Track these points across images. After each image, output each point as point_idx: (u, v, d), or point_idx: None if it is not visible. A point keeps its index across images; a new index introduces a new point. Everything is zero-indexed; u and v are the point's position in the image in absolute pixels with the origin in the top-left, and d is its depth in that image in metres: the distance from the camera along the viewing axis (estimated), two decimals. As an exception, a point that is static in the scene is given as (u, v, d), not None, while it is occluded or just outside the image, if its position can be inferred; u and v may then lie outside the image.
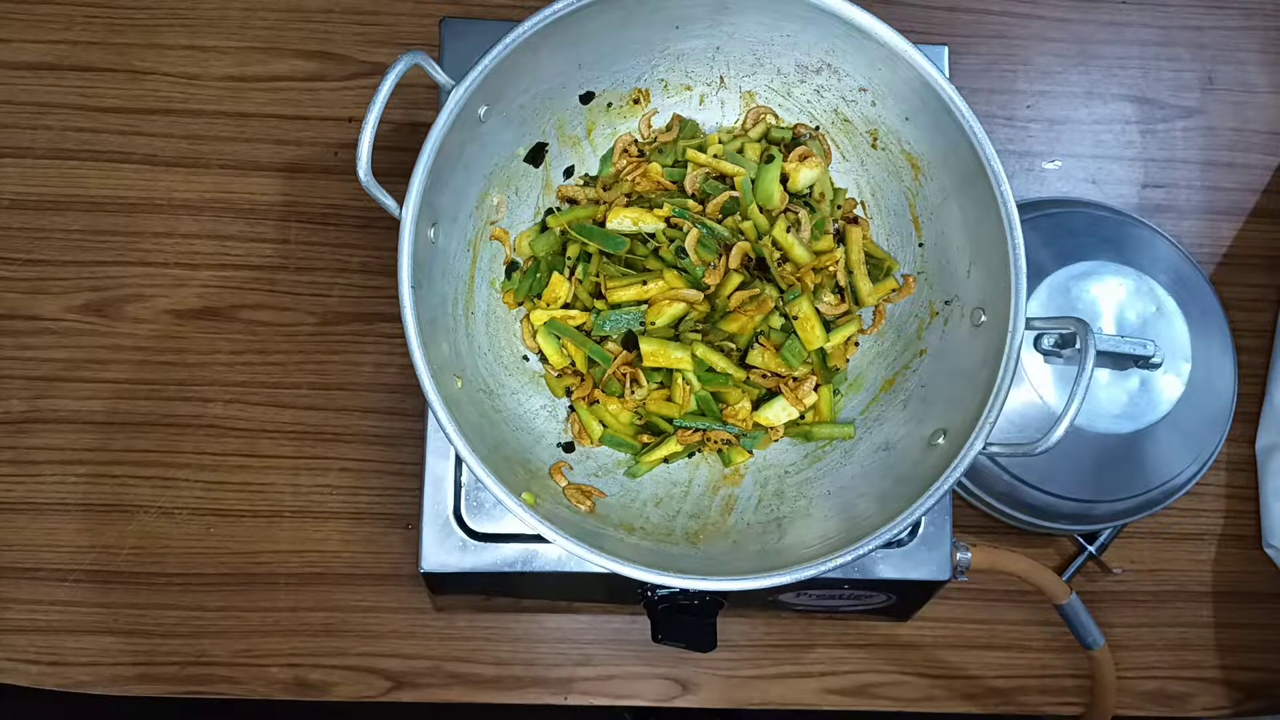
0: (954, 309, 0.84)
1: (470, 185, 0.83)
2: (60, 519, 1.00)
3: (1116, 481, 1.00)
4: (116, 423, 1.02)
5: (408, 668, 1.02)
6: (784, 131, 0.88)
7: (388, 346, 1.04)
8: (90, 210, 1.04)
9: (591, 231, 0.85)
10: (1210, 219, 1.14)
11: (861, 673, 1.05)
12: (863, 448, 0.85)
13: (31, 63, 1.06)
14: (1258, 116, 1.16)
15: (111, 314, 1.03)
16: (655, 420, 0.86)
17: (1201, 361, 1.00)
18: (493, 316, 0.86)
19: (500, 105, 0.80)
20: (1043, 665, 1.07)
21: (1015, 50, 1.15)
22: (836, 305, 0.87)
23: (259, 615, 1.01)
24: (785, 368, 0.85)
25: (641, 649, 1.04)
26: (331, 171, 1.06)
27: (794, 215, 0.86)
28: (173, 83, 1.07)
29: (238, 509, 1.02)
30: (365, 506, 1.02)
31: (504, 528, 0.85)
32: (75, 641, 1.00)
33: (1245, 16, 1.17)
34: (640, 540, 0.81)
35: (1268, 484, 1.09)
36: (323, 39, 1.08)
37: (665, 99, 0.89)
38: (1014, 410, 0.97)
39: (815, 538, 0.79)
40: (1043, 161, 1.14)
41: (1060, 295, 0.99)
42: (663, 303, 0.84)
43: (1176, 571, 1.09)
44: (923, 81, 0.80)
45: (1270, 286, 1.14)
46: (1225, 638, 1.09)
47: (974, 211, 0.81)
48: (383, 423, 1.03)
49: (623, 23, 0.82)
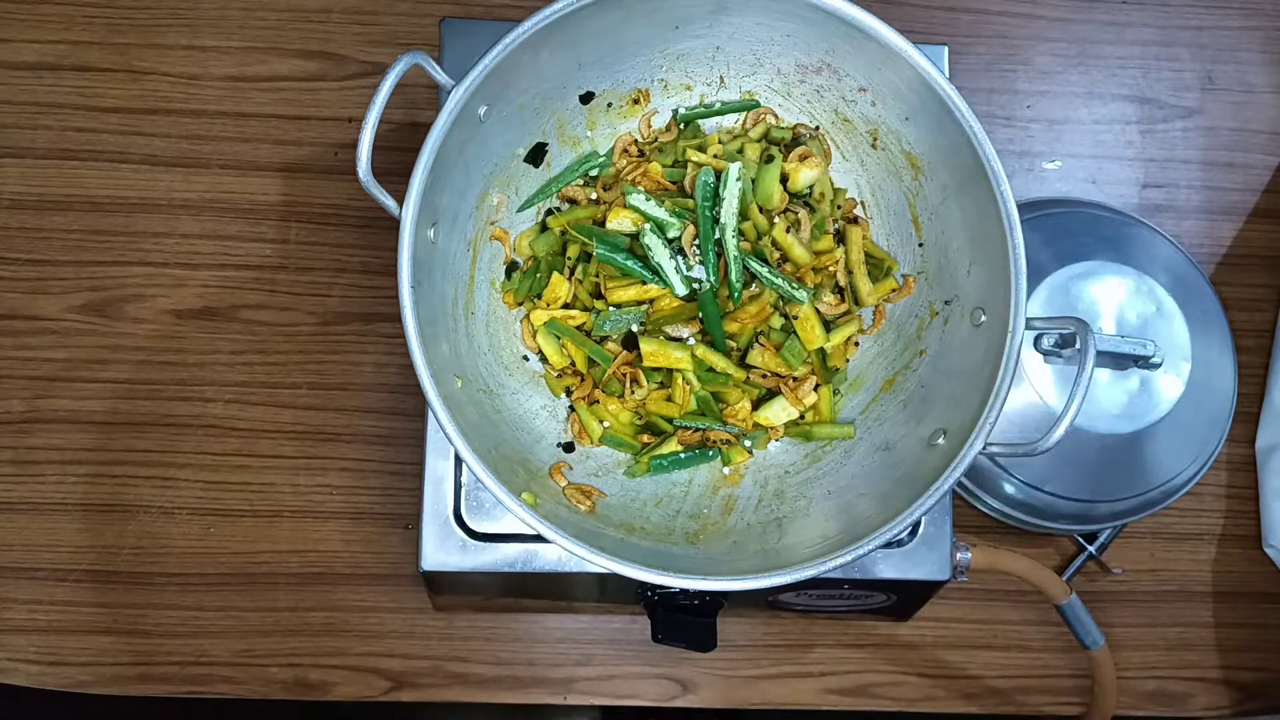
0: (954, 309, 0.84)
1: (470, 185, 0.83)
2: (60, 519, 1.00)
3: (1116, 481, 1.00)
4: (116, 423, 1.02)
5: (408, 668, 1.02)
6: (784, 131, 0.88)
7: (388, 346, 1.04)
8: (90, 210, 1.04)
9: (591, 231, 0.84)
10: (1210, 219, 1.14)
11: (861, 673, 1.05)
12: (863, 448, 0.85)
13: (31, 63, 1.06)
14: (1258, 116, 1.16)
15: (111, 314, 1.03)
16: (655, 420, 0.86)
17: (1201, 361, 1.00)
18: (493, 316, 0.86)
19: (500, 105, 0.80)
20: (1043, 665, 1.07)
21: (1015, 50, 1.15)
22: (836, 305, 0.87)
23: (259, 615, 1.01)
24: (785, 368, 0.85)
25: (641, 649, 1.04)
26: (331, 171, 1.06)
27: (794, 215, 0.86)
28: (173, 83, 1.07)
29: (238, 509, 1.02)
30: (365, 506, 1.02)
31: (504, 528, 0.85)
32: (75, 641, 1.00)
33: (1245, 16, 1.17)
34: (640, 540, 0.81)
35: (1268, 484, 1.09)
36: (323, 39, 1.08)
37: (665, 99, 0.89)
38: (1014, 410, 0.97)
39: (815, 538, 0.79)
40: (1043, 161, 1.14)
41: (1060, 295, 0.99)
42: (664, 301, 0.84)
43: (1176, 571, 1.09)
44: (923, 81, 0.80)
45: (1270, 286, 1.14)
46: (1225, 638, 1.09)
47: (974, 211, 0.81)
48: (383, 423, 1.03)
49: (623, 23, 0.82)
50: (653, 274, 0.83)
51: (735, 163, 0.83)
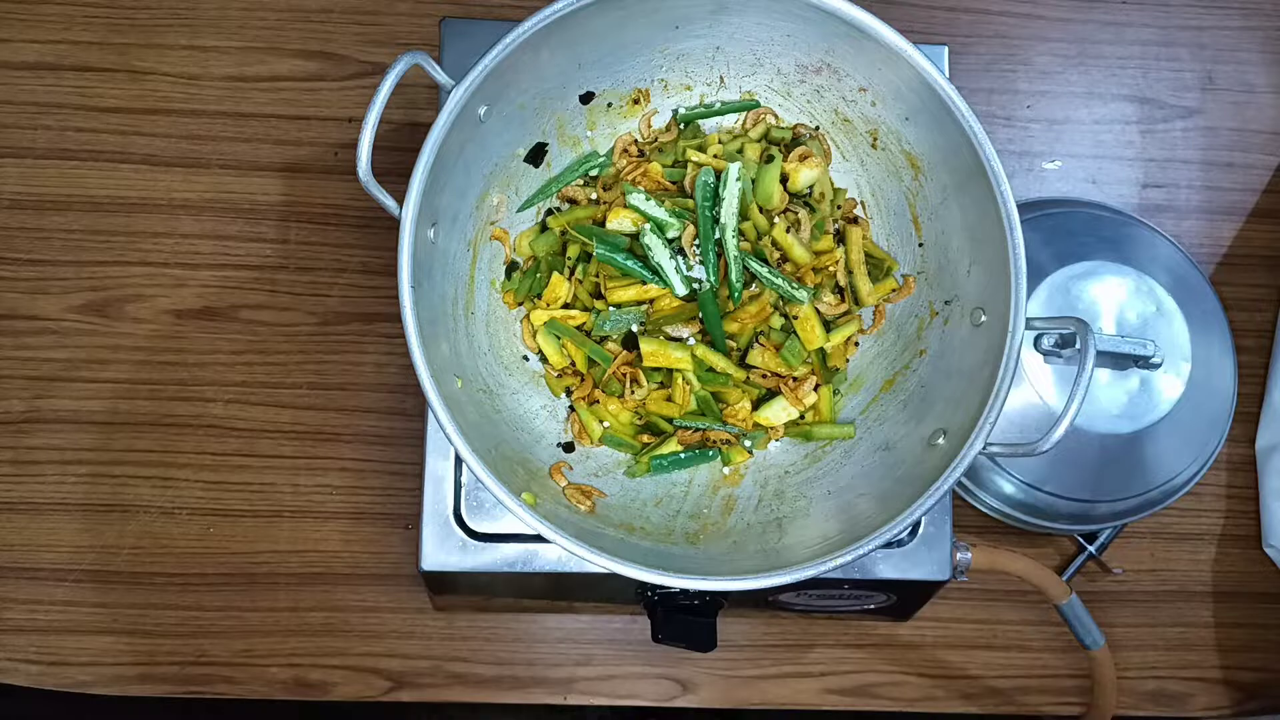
0: (954, 309, 0.84)
1: (470, 185, 0.83)
2: (60, 519, 1.00)
3: (1116, 481, 1.00)
4: (116, 423, 1.02)
5: (408, 668, 1.02)
6: (784, 131, 0.88)
7: (388, 346, 1.04)
8: (90, 210, 1.04)
9: (591, 231, 0.84)
10: (1210, 219, 1.14)
11: (861, 673, 1.05)
12: (863, 448, 0.85)
13: (31, 63, 1.06)
14: (1258, 116, 1.16)
15: (111, 314, 1.03)
16: (655, 420, 0.86)
17: (1201, 361, 1.00)
18: (493, 316, 0.86)
19: (500, 105, 0.80)
20: (1043, 665, 1.07)
21: (1015, 50, 1.15)
22: (836, 305, 0.87)
23: (259, 615, 1.01)
24: (785, 368, 0.85)
25: (641, 649, 1.04)
26: (331, 171, 1.06)
27: (794, 215, 0.86)
28: (173, 83, 1.07)
29: (238, 509, 1.02)
30: (365, 506, 1.02)
31: (504, 528, 0.85)
32: (75, 641, 1.00)
33: (1245, 16, 1.17)
34: (640, 540, 0.81)
35: (1268, 484, 1.09)
36: (323, 39, 1.08)
37: (665, 99, 0.89)
38: (1014, 410, 0.97)
39: (815, 538, 0.79)
40: (1043, 161, 1.14)
41: (1060, 295, 0.99)
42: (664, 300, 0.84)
43: (1176, 571, 1.09)
44: (923, 81, 0.80)
45: (1270, 286, 1.14)
46: (1225, 638, 1.09)
47: (974, 211, 0.81)
48: (383, 423, 1.03)
49: (623, 23, 0.82)
50: (653, 274, 0.83)
51: (735, 163, 0.83)
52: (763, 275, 0.83)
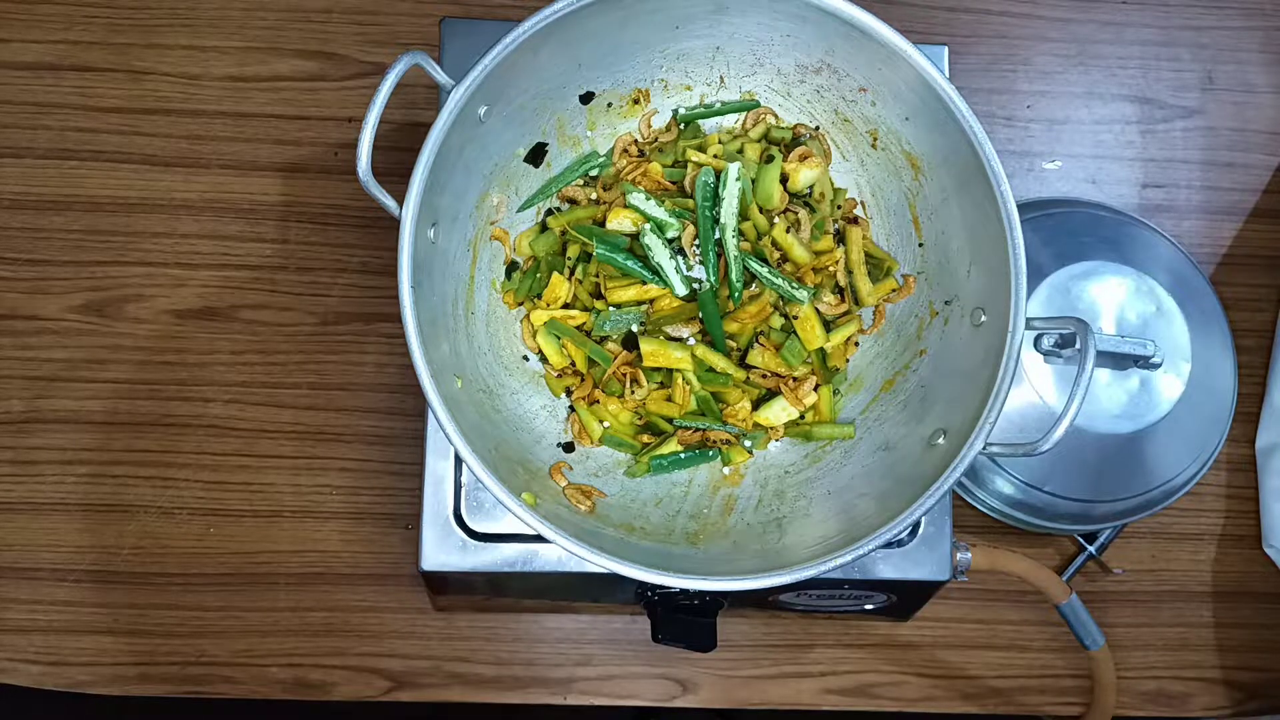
0: (954, 309, 0.84)
1: (470, 185, 0.83)
2: (60, 519, 1.00)
3: (1116, 481, 1.00)
4: (116, 423, 1.02)
5: (408, 668, 1.02)
6: (784, 131, 0.88)
7: (388, 346, 1.04)
8: (90, 210, 1.04)
9: (591, 231, 0.84)
10: (1210, 219, 1.14)
11: (861, 673, 1.05)
12: (863, 448, 0.85)
13: (31, 63, 1.06)
14: (1258, 116, 1.16)
15: (111, 314, 1.03)
16: (655, 420, 0.86)
17: (1201, 361, 1.00)
18: (493, 316, 0.86)
19: (500, 105, 0.80)
20: (1043, 665, 1.07)
21: (1015, 50, 1.15)
22: (836, 305, 0.87)
23: (259, 615, 1.01)
24: (785, 368, 0.85)
25: (641, 649, 1.04)
26: (331, 171, 1.06)
27: (794, 215, 0.86)
28: (173, 83, 1.07)
29: (238, 509, 1.02)
30: (365, 506, 1.02)
31: (504, 528, 0.85)
32: (75, 641, 1.00)
33: (1245, 16, 1.17)
34: (640, 540, 0.81)
35: (1268, 484, 1.09)
36: (323, 39, 1.09)
37: (665, 99, 0.89)
38: (1014, 410, 0.97)
39: (815, 538, 0.79)
40: (1043, 161, 1.14)
41: (1060, 295, 0.99)
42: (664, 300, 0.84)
43: (1176, 571, 1.09)
44: (923, 81, 0.80)
45: (1270, 286, 1.14)
46: (1225, 638, 1.09)
47: (974, 211, 0.81)
48: (383, 423, 1.03)
49: (623, 23, 0.82)
50: (653, 274, 0.83)
51: (735, 163, 0.83)
52: (763, 275, 0.83)
